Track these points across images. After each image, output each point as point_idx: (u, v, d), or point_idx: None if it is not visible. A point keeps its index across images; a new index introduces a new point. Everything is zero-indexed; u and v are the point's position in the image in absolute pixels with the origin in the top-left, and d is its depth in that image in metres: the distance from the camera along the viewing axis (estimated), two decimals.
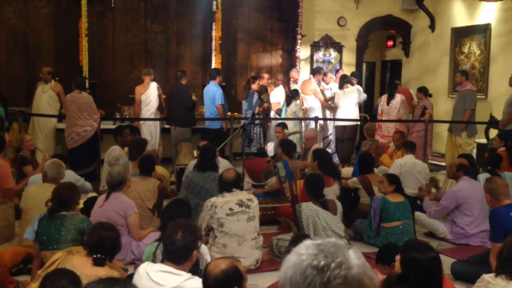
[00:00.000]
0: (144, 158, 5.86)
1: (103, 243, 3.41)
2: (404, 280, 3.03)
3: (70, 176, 5.79)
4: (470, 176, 5.92)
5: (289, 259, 1.34)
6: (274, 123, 9.25)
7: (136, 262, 4.73)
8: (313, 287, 1.27)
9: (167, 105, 9.21)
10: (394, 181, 5.47)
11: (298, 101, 9.57)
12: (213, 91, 8.93)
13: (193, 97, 9.08)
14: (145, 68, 9.30)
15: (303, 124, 9.49)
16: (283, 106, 9.70)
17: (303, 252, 1.33)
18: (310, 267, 1.29)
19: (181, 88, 8.82)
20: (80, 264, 3.34)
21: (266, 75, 9.98)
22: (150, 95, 8.85)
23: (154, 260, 3.51)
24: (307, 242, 1.36)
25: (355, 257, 1.32)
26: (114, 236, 3.50)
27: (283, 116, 9.41)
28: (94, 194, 6.24)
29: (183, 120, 8.80)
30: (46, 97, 8.70)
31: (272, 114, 9.77)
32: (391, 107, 9.66)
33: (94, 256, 3.36)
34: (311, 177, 5.31)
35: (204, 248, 3.70)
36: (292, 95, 9.53)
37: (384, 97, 9.94)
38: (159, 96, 8.97)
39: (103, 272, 3.34)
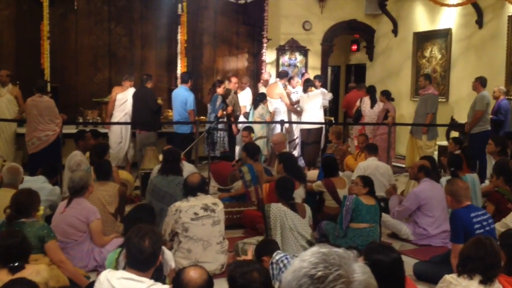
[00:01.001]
0: (100, 163, 5.77)
1: (10, 252, 3.40)
2: None
3: (55, 193, 5.73)
4: (431, 177, 6.03)
5: (293, 263, 1.32)
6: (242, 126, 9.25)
7: (98, 269, 4.64)
8: None
9: (132, 108, 9.10)
10: (368, 183, 5.51)
11: (265, 105, 9.58)
12: (185, 96, 8.82)
13: (159, 101, 9.00)
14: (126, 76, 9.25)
15: (269, 127, 9.50)
16: (250, 109, 9.70)
17: (306, 259, 1.30)
18: (306, 276, 1.26)
19: (146, 92, 8.73)
20: (4, 275, 3.31)
21: (234, 79, 9.94)
22: (127, 96, 8.77)
23: (116, 267, 3.45)
24: (314, 249, 1.32)
25: (360, 272, 1.28)
26: (19, 241, 3.46)
27: (250, 119, 9.40)
28: None
29: (148, 124, 8.72)
30: (4, 100, 8.48)
31: (242, 117, 9.77)
32: (375, 111, 9.93)
33: (10, 265, 3.35)
34: (281, 180, 5.32)
35: (168, 254, 3.66)
36: (259, 98, 9.53)
37: (367, 100, 10.07)
38: None
39: (29, 270, 3.36)
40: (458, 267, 3.32)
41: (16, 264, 3.37)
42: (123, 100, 8.72)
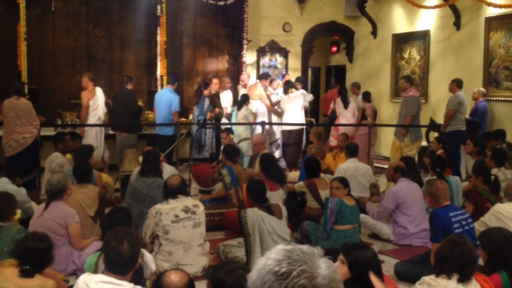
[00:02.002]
0: (79, 165, 5.69)
1: (29, 255, 3.31)
2: (355, 281, 3.04)
3: (21, 194, 5.59)
4: (407, 178, 6.09)
5: (258, 262, 1.34)
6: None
7: (77, 272, 4.57)
8: None
9: (111, 110, 9.01)
10: (347, 184, 5.54)
11: (248, 106, 9.57)
12: (170, 98, 8.88)
13: (139, 103, 8.93)
14: (86, 73, 8.93)
15: (250, 129, 9.49)
16: (233, 110, 9.66)
17: (271, 257, 1.32)
18: (271, 273, 1.28)
19: (126, 93, 8.66)
20: (12, 275, 3.22)
21: (215, 80, 9.93)
22: (98, 99, 8.61)
23: (96, 270, 3.40)
24: (279, 247, 1.34)
25: (324, 266, 1.29)
26: (43, 248, 3.39)
27: (233, 120, 9.37)
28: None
29: (128, 126, 8.64)
30: None
31: (224, 119, 9.76)
32: (349, 110, 10.06)
33: (22, 267, 3.26)
34: (252, 183, 5.27)
35: (149, 257, 3.62)
36: (242, 100, 9.50)
37: (339, 101, 10.16)
38: (106, 101, 8.72)
39: (36, 281, 3.23)
40: (435, 268, 3.34)
41: (28, 267, 3.28)
42: (95, 106, 8.53)
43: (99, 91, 8.58)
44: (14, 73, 9.17)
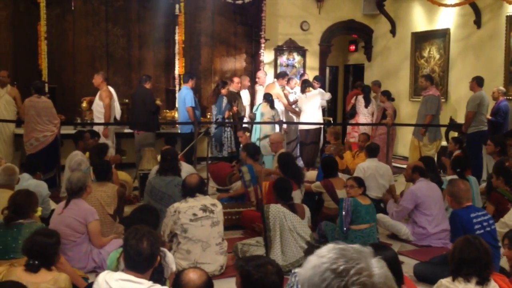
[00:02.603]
0: (99, 163, 5.74)
1: (34, 249, 3.37)
2: None
3: (44, 188, 5.65)
4: (426, 177, 6.02)
5: (310, 260, 1.34)
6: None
7: (97, 270, 4.61)
8: None
9: (130, 109, 9.07)
10: (362, 183, 5.51)
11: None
12: (183, 94, 8.95)
13: (158, 102, 8.98)
14: (100, 71, 8.86)
15: (277, 128, 9.42)
16: (256, 110, 9.64)
17: (324, 255, 1.32)
18: (329, 270, 1.28)
19: (144, 92, 8.71)
20: (23, 274, 3.27)
21: (236, 79, 9.96)
22: (115, 100, 8.68)
23: (118, 267, 3.43)
24: (330, 245, 1.35)
25: (377, 266, 1.30)
26: (49, 242, 3.43)
27: (258, 119, 9.36)
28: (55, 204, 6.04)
29: (146, 125, 8.69)
30: (2, 102, 8.44)
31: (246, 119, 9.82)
32: (369, 110, 10.07)
33: (28, 262, 3.33)
34: (280, 181, 5.30)
35: (170, 257, 3.64)
36: (271, 99, 9.45)
37: (360, 99, 10.12)
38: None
39: (49, 277, 3.29)
40: (452, 272, 3.28)
41: (33, 262, 3.33)
42: (113, 106, 8.61)
43: (112, 90, 8.64)
44: (34, 72, 9.29)
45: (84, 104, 8.64)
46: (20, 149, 8.53)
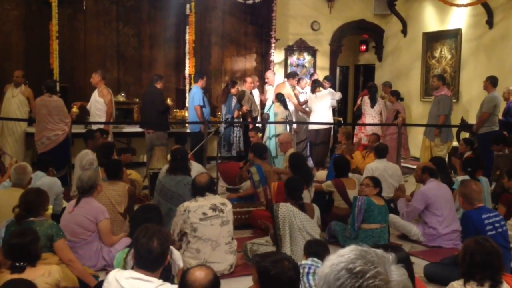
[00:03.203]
0: (110, 162, 5.76)
1: (15, 251, 3.41)
2: None
3: (58, 185, 5.68)
4: (436, 178, 5.98)
5: (329, 259, 1.35)
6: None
7: (107, 268, 4.64)
8: None
9: (141, 108, 9.11)
10: (378, 184, 5.48)
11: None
12: (193, 93, 9.00)
13: (168, 101, 9.01)
14: (98, 70, 8.81)
15: (288, 127, 9.40)
16: (269, 110, 9.63)
17: (344, 254, 1.32)
18: (345, 269, 1.28)
19: (154, 92, 8.74)
20: (11, 276, 3.31)
21: (249, 79, 9.98)
22: (112, 99, 8.70)
23: (125, 266, 3.44)
24: (352, 246, 1.35)
25: (397, 273, 1.29)
26: (25, 242, 3.44)
27: (272, 119, 9.36)
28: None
29: (156, 124, 8.71)
30: (15, 101, 8.49)
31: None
32: (375, 110, 10.01)
33: (14, 265, 3.37)
34: (291, 180, 5.29)
35: (177, 254, 3.64)
36: (283, 99, 9.43)
37: (366, 99, 10.10)
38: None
39: (41, 271, 3.37)
40: (464, 275, 3.23)
41: (19, 264, 3.37)
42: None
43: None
44: (46, 71, 9.35)
45: (74, 109, 8.54)
46: (31, 147, 8.59)
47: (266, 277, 2.73)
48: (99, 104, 8.39)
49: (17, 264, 3.37)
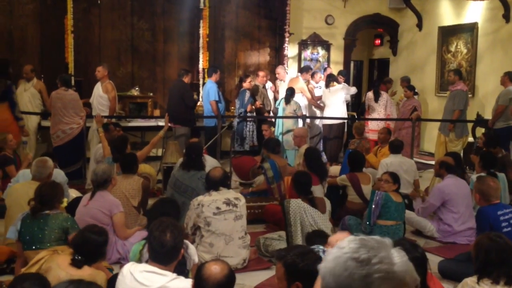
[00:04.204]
0: (125, 156, 5.77)
1: (83, 245, 3.36)
2: None
3: (62, 176, 5.70)
4: (454, 174, 5.92)
5: (330, 253, 1.37)
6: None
7: (121, 261, 4.67)
8: (352, 279, 1.28)
9: (167, 102, 9.11)
10: (397, 180, 5.44)
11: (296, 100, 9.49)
12: (207, 88, 9.00)
13: (195, 96, 9.02)
14: (103, 63, 8.76)
15: (300, 122, 9.37)
16: (278, 104, 9.62)
17: (345, 246, 1.35)
18: (351, 259, 1.30)
19: (182, 86, 8.73)
20: (64, 263, 3.29)
21: (261, 73, 9.97)
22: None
23: (140, 259, 3.45)
24: (350, 237, 1.38)
25: (398, 255, 1.34)
26: (99, 241, 3.42)
27: (281, 114, 9.35)
28: (79, 194, 6.10)
29: (182, 119, 8.68)
30: (27, 95, 8.53)
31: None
32: (380, 104, 9.89)
33: (74, 257, 3.31)
34: (298, 175, 5.26)
35: (192, 249, 3.66)
36: (289, 93, 9.41)
37: (370, 94, 10.05)
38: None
39: (88, 272, 3.29)
40: (478, 272, 3.19)
41: (80, 258, 3.32)
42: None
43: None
44: (61, 65, 9.41)
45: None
46: (46, 141, 8.65)
47: (295, 270, 2.68)
48: (102, 100, 8.39)
49: (78, 257, 3.32)
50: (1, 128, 7.27)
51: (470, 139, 9.23)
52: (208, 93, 9.04)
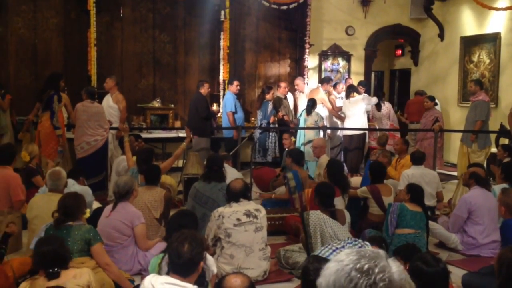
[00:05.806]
0: (149, 168, 5.82)
1: (45, 260, 3.43)
2: None
3: (88, 194, 5.75)
4: (481, 186, 5.84)
5: (328, 267, 1.38)
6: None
7: (142, 272, 4.69)
8: None
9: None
10: (411, 190, 5.38)
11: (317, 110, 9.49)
12: (225, 99, 9.09)
13: (214, 107, 9.06)
14: (112, 75, 8.92)
15: (321, 133, 9.35)
16: (300, 115, 9.62)
17: (344, 258, 1.36)
18: (354, 270, 1.32)
19: (198, 98, 8.78)
20: (46, 282, 3.37)
21: (283, 84, 10.01)
22: None
23: (159, 272, 3.46)
24: (346, 251, 1.40)
25: (394, 264, 1.37)
26: (53, 249, 3.47)
27: (302, 125, 9.35)
28: (99, 205, 6.16)
29: (198, 129, 8.73)
30: None
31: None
32: (383, 113, 10.19)
33: (48, 271, 3.40)
34: (321, 186, 5.23)
35: (210, 260, 3.65)
36: (310, 105, 9.40)
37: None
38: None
39: (72, 273, 3.42)
40: (501, 286, 3.10)
41: (52, 270, 3.40)
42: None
43: None
44: (84, 78, 9.56)
45: None
46: (70, 152, 8.74)
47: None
48: (112, 110, 8.50)
49: (51, 270, 3.40)
50: (44, 135, 7.47)
51: (494, 149, 9.10)
52: (225, 104, 9.15)
